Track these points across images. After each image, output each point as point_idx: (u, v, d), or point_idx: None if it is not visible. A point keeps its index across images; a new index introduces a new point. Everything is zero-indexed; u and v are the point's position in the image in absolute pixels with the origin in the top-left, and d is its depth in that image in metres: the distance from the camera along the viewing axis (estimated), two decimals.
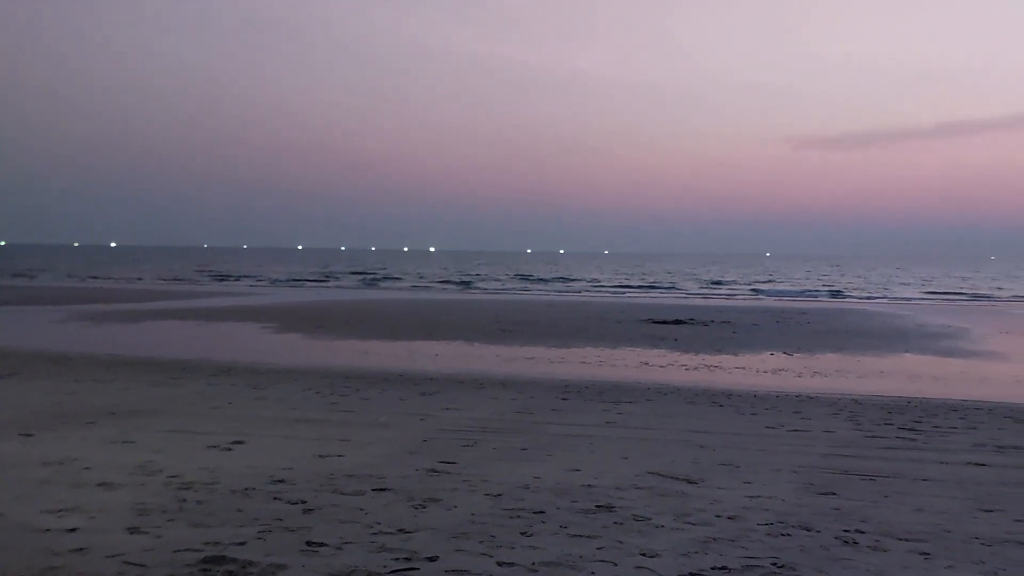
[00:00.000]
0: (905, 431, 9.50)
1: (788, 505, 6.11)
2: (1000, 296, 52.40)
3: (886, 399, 12.21)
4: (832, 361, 17.28)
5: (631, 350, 18.60)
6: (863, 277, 79.15)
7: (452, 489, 6.36)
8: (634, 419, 9.98)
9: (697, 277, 75.74)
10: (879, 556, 4.95)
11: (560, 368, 15.46)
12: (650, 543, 5.09)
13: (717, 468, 7.39)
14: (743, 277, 75.88)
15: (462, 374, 14.21)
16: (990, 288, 61.09)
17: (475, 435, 8.70)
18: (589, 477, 6.85)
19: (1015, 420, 10.40)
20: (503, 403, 10.96)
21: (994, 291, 57.18)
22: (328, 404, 10.67)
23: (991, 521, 5.81)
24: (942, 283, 68.73)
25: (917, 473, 7.38)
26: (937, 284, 66.71)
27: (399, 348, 18.53)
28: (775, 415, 10.51)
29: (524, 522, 5.51)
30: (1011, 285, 66.23)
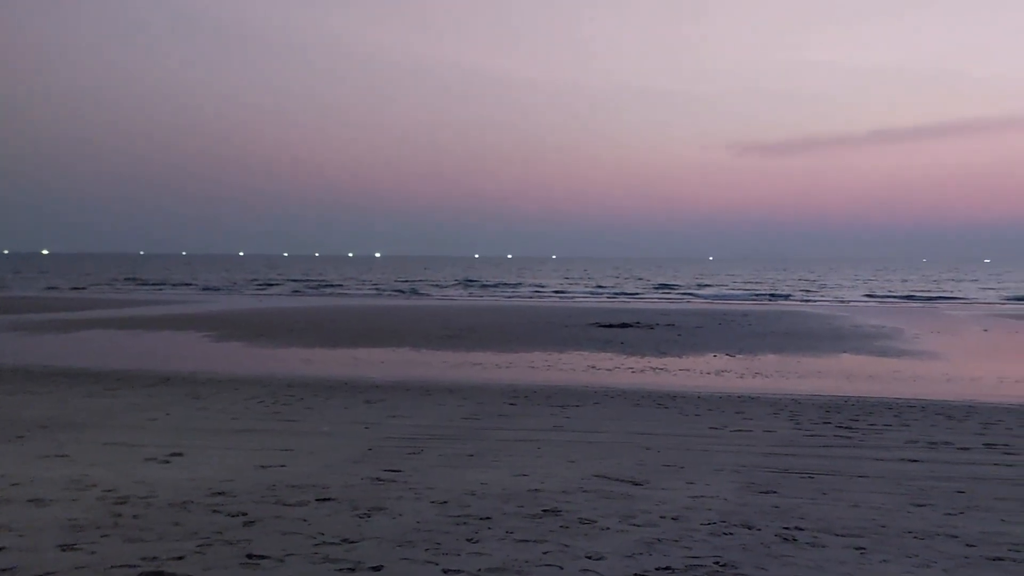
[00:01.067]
0: (842, 429, 9.76)
1: (730, 504, 6.22)
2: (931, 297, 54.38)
3: (824, 398, 12.53)
4: (773, 362, 17.67)
5: (578, 354, 18.72)
6: (803, 279, 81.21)
7: (397, 497, 6.30)
8: (581, 422, 10.04)
9: (643, 280, 76.71)
10: (817, 552, 5.07)
11: (508, 373, 15.47)
12: (595, 546, 5.12)
13: (662, 469, 7.48)
14: (687, 280, 77.13)
15: (408, 381, 14.11)
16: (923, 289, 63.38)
17: (421, 442, 8.64)
18: (536, 482, 6.86)
19: (946, 417, 10.78)
20: (450, 409, 10.91)
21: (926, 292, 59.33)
22: (270, 413, 10.47)
23: (923, 515, 6.00)
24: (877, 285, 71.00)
25: (854, 470, 7.59)
26: (873, 286, 68.89)
27: (343, 355, 18.31)
28: (718, 416, 10.69)
29: (470, 528, 5.48)
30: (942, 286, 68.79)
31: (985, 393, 13.43)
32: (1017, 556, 5.01)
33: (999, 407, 11.77)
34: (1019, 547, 5.20)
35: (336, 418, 10.16)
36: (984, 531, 5.57)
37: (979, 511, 6.13)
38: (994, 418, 10.67)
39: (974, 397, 12.88)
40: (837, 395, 12.92)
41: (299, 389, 12.79)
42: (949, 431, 9.71)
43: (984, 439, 9.18)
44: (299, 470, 7.24)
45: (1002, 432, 9.63)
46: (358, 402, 11.50)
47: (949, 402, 12.27)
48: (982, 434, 9.50)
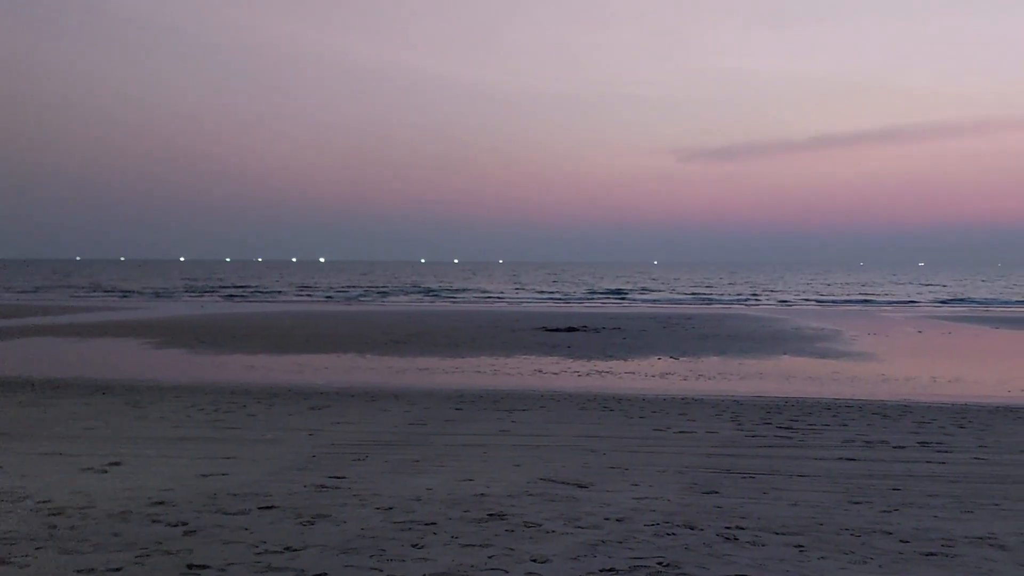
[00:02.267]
0: (783, 429, 9.97)
1: (673, 505, 6.30)
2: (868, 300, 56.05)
3: (766, 399, 12.79)
4: (716, 364, 17.97)
5: (525, 358, 18.76)
6: (746, 283, 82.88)
7: (341, 504, 6.22)
8: (527, 427, 10.05)
9: (588, 285, 77.34)
10: (758, 550, 5.16)
11: (454, 378, 15.41)
12: (540, 549, 5.13)
13: (607, 471, 7.53)
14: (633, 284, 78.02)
15: (353, 387, 13.95)
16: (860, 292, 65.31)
17: (366, 449, 8.55)
18: (481, 486, 6.84)
19: (882, 416, 11.10)
20: (395, 415, 10.82)
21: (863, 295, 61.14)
22: (212, 421, 10.24)
23: (860, 512, 6.16)
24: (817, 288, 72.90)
25: (793, 469, 7.75)
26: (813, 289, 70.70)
27: (287, 362, 18.02)
28: (662, 418, 10.82)
29: (415, 534, 5.44)
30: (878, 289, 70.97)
31: (919, 392, 13.89)
32: (949, 551, 5.18)
33: (933, 406, 12.17)
34: (951, 542, 5.37)
35: (280, 425, 9.99)
36: (918, 527, 5.74)
37: (913, 508, 6.32)
38: (928, 417, 11.03)
39: (909, 397, 13.30)
40: (778, 396, 13.20)
41: (242, 396, 12.54)
42: (885, 430, 10.00)
43: (918, 437, 9.48)
44: (241, 478, 7.09)
45: (935, 430, 9.96)
46: (302, 409, 11.33)
47: (885, 402, 12.64)
48: (916, 432, 9.81)
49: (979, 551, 5.17)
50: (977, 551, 5.17)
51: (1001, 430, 10.05)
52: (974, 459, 8.29)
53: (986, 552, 5.15)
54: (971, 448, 8.85)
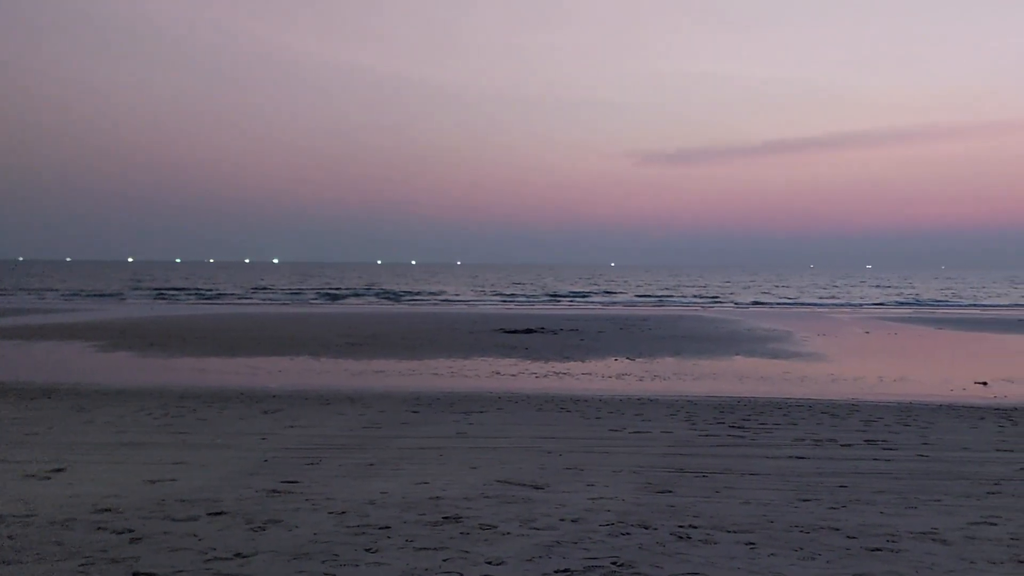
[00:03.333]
0: (735, 429, 10.12)
1: (628, 505, 6.34)
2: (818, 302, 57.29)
3: (719, 399, 12.97)
4: (671, 365, 18.18)
5: (483, 360, 18.75)
6: (701, 285, 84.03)
7: (294, 509, 6.13)
8: (484, 429, 10.04)
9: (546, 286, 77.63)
10: (710, 548, 5.22)
11: (411, 380, 15.33)
12: (496, 551, 5.12)
13: (563, 472, 7.56)
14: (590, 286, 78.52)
15: (307, 390, 13.78)
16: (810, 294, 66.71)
17: (320, 452, 8.45)
18: (437, 489, 6.81)
19: (831, 415, 11.33)
20: (350, 419, 10.72)
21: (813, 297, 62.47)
22: (161, 426, 10.02)
23: (809, 510, 6.28)
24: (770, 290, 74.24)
25: (745, 468, 7.87)
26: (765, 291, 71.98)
27: (240, 365, 17.72)
28: (618, 418, 10.90)
29: (369, 538, 5.39)
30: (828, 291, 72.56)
31: (866, 392, 14.23)
32: (893, 546, 5.31)
33: (879, 405, 12.48)
34: (895, 538, 5.50)
35: (231, 429, 9.82)
36: (864, 523, 5.87)
37: (860, 504, 6.46)
38: (874, 415, 11.30)
39: (856, 396, 13.61)
40: (731, 396, 13.40)
41: (192, 400, 12.29)
42: (833, 428, 10.22)
43: (865, 436, 9.70)
44: (190, 484, 6.95)
45: (881, 429, 10.20)
46: (255, 412, 11.15)
47: (834, 401, 12.92)
48: (863, 431, 10.04)
49: (922, 546, 5.31)
50: (920, 546, 5.31)
51: (943, 428, 10.35)
52: (917, 456, 8.51)
53: (929, 547, 5.29)
54: (915, 446, 9.09)
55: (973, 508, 6.36)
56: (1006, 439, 9.60)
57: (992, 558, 5.07)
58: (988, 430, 10.22)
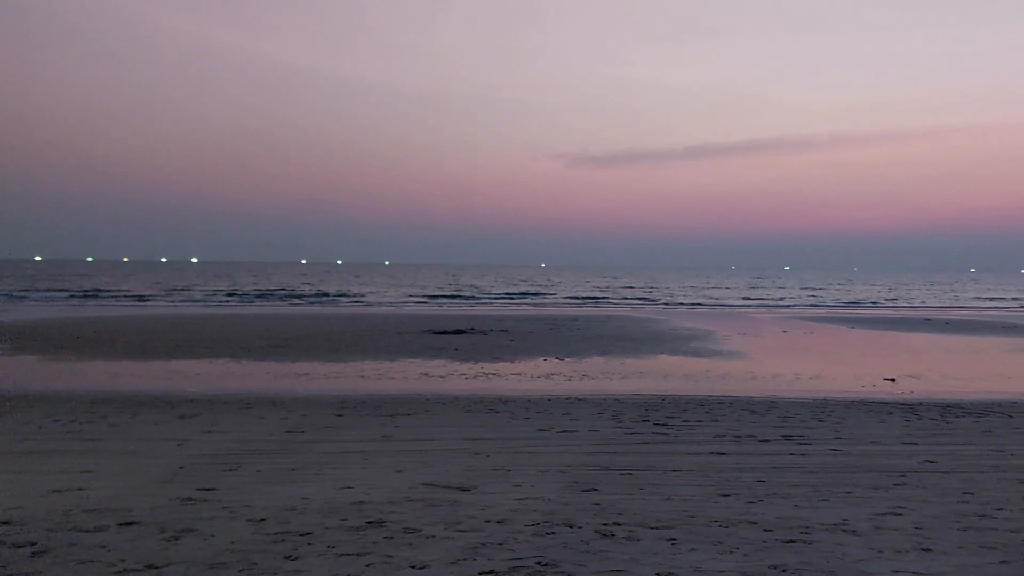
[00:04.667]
0: (660, 426, 10.29)
1: (553, 504, 6.36)
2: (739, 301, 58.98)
3: (645, 397, 13.17)
4: (599, 364, 18.38)
5: (410, 361, 18.57)
6: (629, 286, 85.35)
7: (210, 517, 5.93)
8: (411, 431, 9.93)
9: (476, 287, 77.57)
10: (633, 545, 5.28)
11: (335, 383, 15.06)
12: (420, 555, 5.06)
13: (490, 474, 7.54)
14: (520, 286, 78.83)
15: (227, 394, 13.38)
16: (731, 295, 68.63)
17: (239, 458, 8.21)
18: (361, 493, 6.70)
19: (750, 411, 11.64)
20: (272, 423, 10.45)
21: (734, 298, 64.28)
22: (68, 433, 9.57)
23: (728, 504, 6.42)
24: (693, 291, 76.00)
25: (668, 465, 8.01)
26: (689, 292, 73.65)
27: (155, 368, 17.09)
28: (546, 418, 10.95)
29: (289, 546, 5.25)
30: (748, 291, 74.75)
31: (784, 388, 14.68)
32: (807, 538, 5.47)
33: (796, 401, 12.88)
34: (809, 530, 5.68)
35: (145, 436, 9.45)
36: (780, 516, 6.04)
37: (776, 498, 6.65)
38: (791, 411, 11.66)
39: (774, 393, 14.03)
40: (656, 394, 13.63)
41: (103, 406, 11.78)
42: (753, 424, 10.50)
43: (782, 431, 10.00)
44: (100, 493, 6.65)
45: (798, 424, 10.54)
46: (171, 418, 10.77)
47: (753, 398, 13.28)
48: (781, 426, 10.35)
49: (833, 537, 5.49)
50: (831, 537, 5.49)
51: (854, 422, 10.76)
52: (831, 450, 8.82)
53: (839, 538, 5.48)
54: (828, 440, 9.42)
55: (881, 499, 6.62)
56: (911, 432, 10.04)
57: (898, 547, 5.27)
58: (895, 424, 10.67)
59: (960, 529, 5.72)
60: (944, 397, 13.70)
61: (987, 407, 12.39)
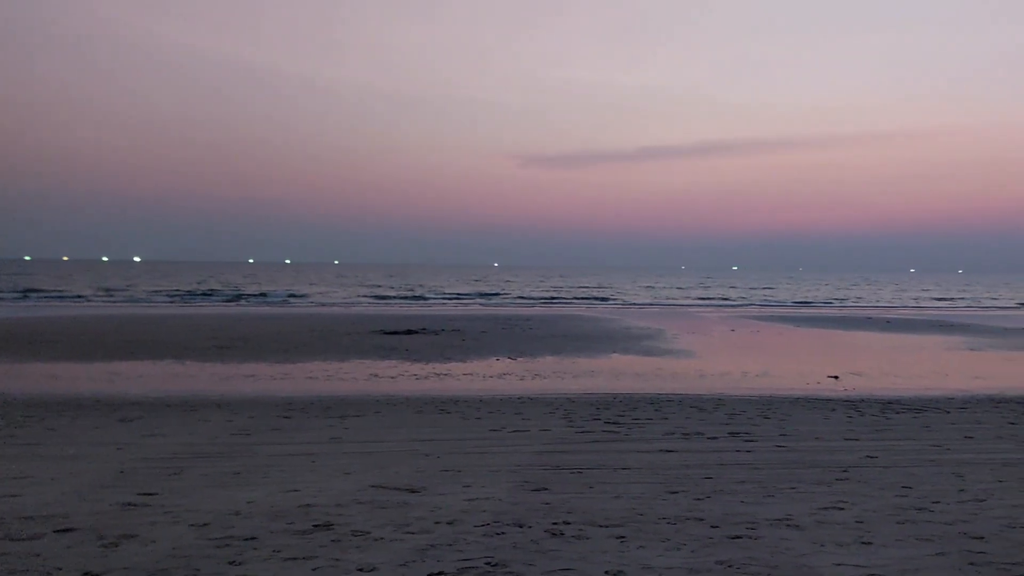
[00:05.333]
0: (610, 425, 10.37)
1: (504, 504, 6.35)
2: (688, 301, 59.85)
3: (596, 396, 13.26)
4: (551, 363, 18.45)
5: (360, 362, 18.40)
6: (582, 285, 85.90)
7: (151, 523, 5.77)
8: (360, 433, 9.83)
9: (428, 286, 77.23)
10: (582, 544, 5.30)
11: (283, 385, 14.83)
12: (368, 557, 5.00)
13: (440, 475, 7.49)
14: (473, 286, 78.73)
15: (171, 396, 13.08)
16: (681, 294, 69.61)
17: (182, 462, 8.02)
18: (308, 496, 6.59)
19: (698, 409, 11.81)
20: (217, 426, 10.24)
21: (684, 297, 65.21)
22: (3, 437, 9.22)
23: (676, 501, 6.49)
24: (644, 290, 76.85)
25: (618, 463, 8.07)
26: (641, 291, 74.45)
27: (96, 370, 16.61)
28: (498, 418, 10.94)
29: (233, 551, 5.14)
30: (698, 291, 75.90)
31: (731, 386, 14.93)
32: (752, 534, 5.56)
33: (743, 399, 13.11)
34: (754, 525, 5.77)
35: (85, 439, 9.17)
36: (726, 512, 6.13)
37: (723, 495, 6.74)
38: (738, 409, 11.86)
39: (722, 390, 14.26)
40: (607, 392, 13.73)
41: (40, 409, 11.40)
42: (701, 422, 10.64)
43: (729, 428, 10.16)
44: (35, 499, 6.42)
45: (744, 421, 10.72)
46: (112, 421, 10.47)
47: (702, 395, 13.47)
48: (728, 424, 10.52)
49: (778, 532, 5.59)
50: (776, 532, 5.59)
51: (799, 419, 10.99)
52: (776, 447, 8.99)
53: (784, 532, 5.58)
54: (773, 437, 9.60)
55: (824, 494, 6.77)
56: (854, 428, 10.29)
57: (839, 540, 5.39)
58: (838, 420, 10.93)
59: (898, 522, 5.87)
60: (885, 394, 14.09)
61: (925, 403, 12.78)
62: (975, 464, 8.14)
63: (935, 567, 4.86)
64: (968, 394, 14.12)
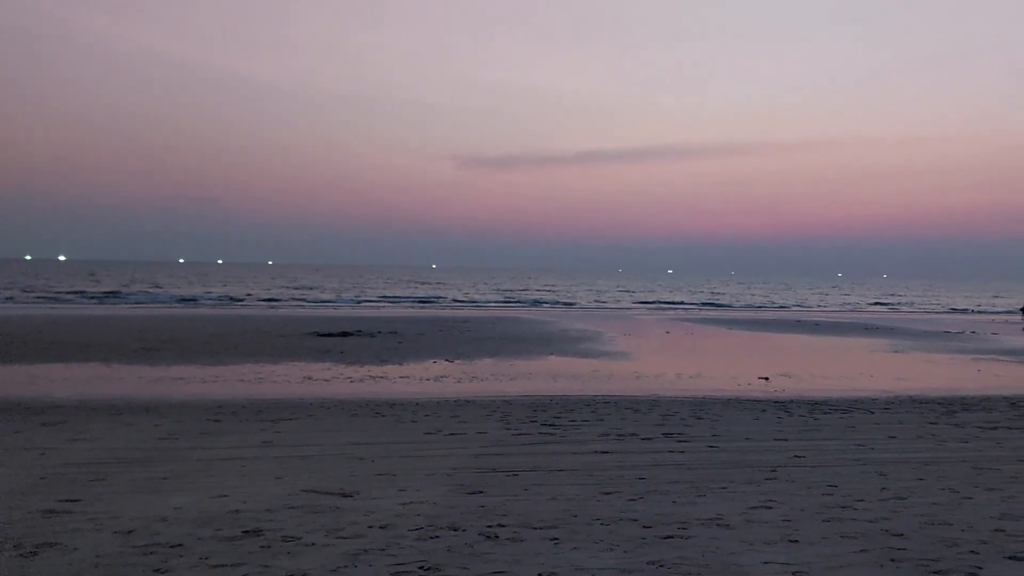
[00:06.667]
0: (547, 426, 10.42)
1: (439, 508, 6.32)
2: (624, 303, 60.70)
3: (533, 398, 13.32)
4: (489, 366, 18.45)
5: (294, 365, 18.08)
6: (520, 288, 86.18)
7: (73, 530, 5.56)
8: (292, 437, 9.65)
9: (365, 288, 76.39)
10: (516, 546, 5.31)
11: (213, 388, 14.46)
12: (299, 563, 4.91)
13: (374, 479, 7.42)
14: (410, 288, 78.20)
15: (96, 400, 12.62)
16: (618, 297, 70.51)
17: (107, 467, 7.75)
18: (237, 502, 6.44)
19: (633, 410, 11.96)
20: (144, 430, 9.93)
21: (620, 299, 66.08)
22: None
23: (610, 502, 6.57)
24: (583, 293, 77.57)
25: (554, 465, 8.11)
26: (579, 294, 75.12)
27: (17, 372, 15.92)
28: (434, 421, 10.88)
29: (158, 558, 4.99)
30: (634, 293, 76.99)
31: (665, 387, 15.18)
32: (684, 533, 5.66)
33: (676, 399, 13.34)
34: (686, 525, 5.87)
35: (4, 444, 8.78)
36: (659, 513, 6.22)
37: (656, 495, 6.85)
38: (672, 410, 12.06)
39: (657, 392, 14.48)
40: (544, 394, 13.81)
41: None
42: (636, 423, 10.79)
43: (663, 429, 10.33)
44: None
45: (677, 422, 10.91)
46: (33, 425, 10.05)
47: (637, 397, 13.66)
48: (662, 425, 10.69)
49: (708, 531, 5.70)
50: (707, 531, 5.70)
51: (730, 420, 11.24)
52: (707, 447, 9.18)
53: (714, 532, 5.69)
54: (706, 437, 9.79)
55: (753, 493, 6.94)
56: (783, 429, 10.58)
57: (767, 539, 5.53)
58: (768, 421, 11.22)
59: (824, 520, 6.05)
60: (813, 395, 14.52)
61: (851, 404, 13.22)
62: (897, 463, 8.46)
63: (858, 563, 5.03)
64: (891, 395, 14.67)
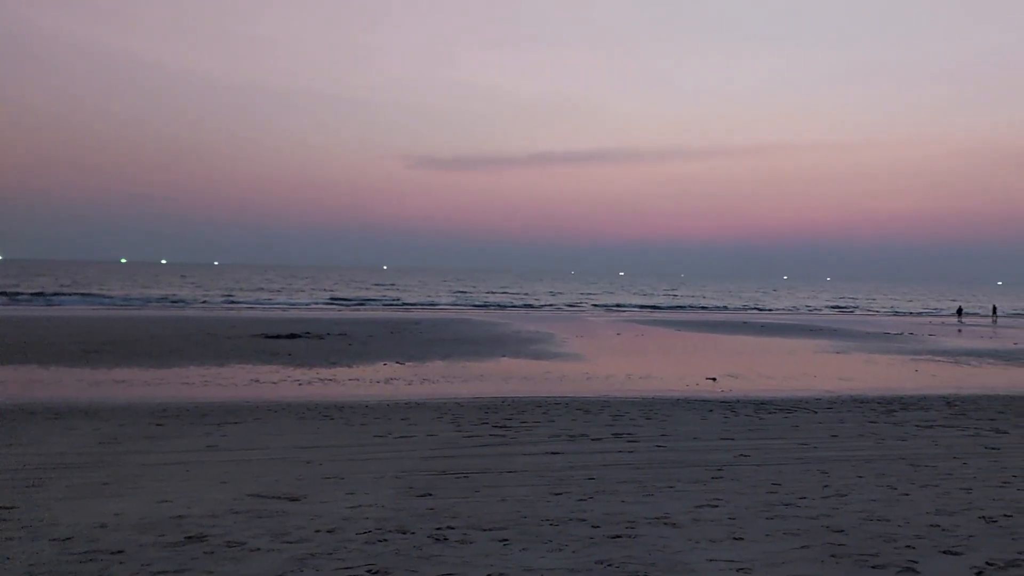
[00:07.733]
0: (498, 428, 10.42)
1: (387, 511, 6.27)
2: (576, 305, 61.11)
3: (484, 400, 13.31)
4: (440, 368, 18.38)
5: (240, 367, 17.75)
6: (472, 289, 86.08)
7: (7, 539, 5.37)
8: (238, 440, 9.48)
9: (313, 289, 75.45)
10: (465, 548, 5.30)
11: (157, 391, 14.12)
12: (243, 569, 4.82)
13: (321, 482, 7.32)
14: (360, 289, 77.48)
15: (33, 403, 12.21)
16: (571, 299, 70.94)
17: (44, 473, 7.50)
18: (181, 507, 6.30)
19: (584, 411, 12.04)
20: (83, 434, 9.64)
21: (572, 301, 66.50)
22: None
23: (559, 503, 6.60)
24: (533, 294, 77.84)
25: (504, 466, 8.12)
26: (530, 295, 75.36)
27: None
28: (384, 423, 10.80)
29: (98, 566, 4.85)
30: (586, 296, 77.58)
31: (616, 388, 15.33)
32: (632, 532, 5.71)
33: (626, 400, 13.47)
34: (633, 524, 5.93)
35: None
36: (608, 512, 6.27)
37: (605, 495, 6.90)
38: (622, 410, 12.18)
39: (607, 393, 14.61)
40: (496, 396, 13.81)
41: None
42: (586, 424, 10.86)
43: (613, 429, 10.42)
44: None
45: (627, 423, 11.01)
46: None
47: (587, 398, 13.76)
48: (612, 425, 10.78)
49: (656, 530, 5.77)
50: (654, 530, 5.76)
51: (679, 419, 11.40)
52: (656, 447, 9.29)
53: (661, 530, 5.76)
54: (654, 437, 9.91)
55: (700, 492, 7.04)
56: (729, 428, 10.76)
57: (713, 537, 5.62)
58: (715, 421, 11.41)
59: (768, 518, 6.17)
60: (759, 395, 14.81)
61: (795, 404, 13.52)
62: (838, 461, 8.67)
63: (800, 559, 5.14)
64: (833, 395, 15.04)
